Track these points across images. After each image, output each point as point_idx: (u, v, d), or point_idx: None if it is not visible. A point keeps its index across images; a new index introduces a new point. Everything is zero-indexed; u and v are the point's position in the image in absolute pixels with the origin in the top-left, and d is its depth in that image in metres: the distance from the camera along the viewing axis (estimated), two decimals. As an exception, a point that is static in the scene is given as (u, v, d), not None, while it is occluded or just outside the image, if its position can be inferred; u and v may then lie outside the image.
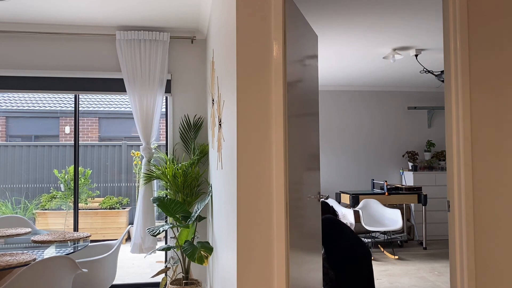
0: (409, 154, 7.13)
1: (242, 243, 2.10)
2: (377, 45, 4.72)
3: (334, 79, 6.50)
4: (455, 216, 2.18)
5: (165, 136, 4.75)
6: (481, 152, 2.19)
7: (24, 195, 8.21)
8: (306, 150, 2.69)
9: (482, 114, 2.20)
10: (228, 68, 2.49)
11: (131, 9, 3.94)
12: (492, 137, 2.20)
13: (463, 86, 2.18)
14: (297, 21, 2.52)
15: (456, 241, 2.17)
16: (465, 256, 2.12)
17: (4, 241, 3.43)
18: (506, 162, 2.20)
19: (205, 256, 3.34)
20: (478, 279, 2.15)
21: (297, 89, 2.51)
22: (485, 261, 2.16)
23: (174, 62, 4.56)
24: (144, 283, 4.81)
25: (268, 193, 2.13)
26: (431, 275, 4.96)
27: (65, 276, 2.78)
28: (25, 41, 4.37)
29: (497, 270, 2.17)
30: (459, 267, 2.16)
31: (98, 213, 7.72)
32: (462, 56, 2.19)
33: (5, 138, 9.92)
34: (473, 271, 2.13)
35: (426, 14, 3.79)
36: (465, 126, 2.17)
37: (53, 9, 3.94)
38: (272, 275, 2.10)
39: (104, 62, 4.46)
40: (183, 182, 4.07)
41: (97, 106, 10.33)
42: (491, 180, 2.18)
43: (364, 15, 3.81)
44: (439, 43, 4.59)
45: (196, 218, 3.68)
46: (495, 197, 2.18)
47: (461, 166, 2.16)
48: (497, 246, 2.17)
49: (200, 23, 4.32)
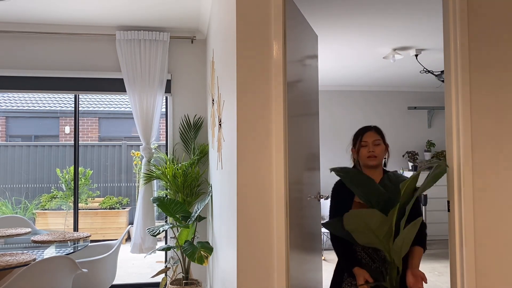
0: (409, 154, 7.13)
1: (242, 243, 2.10)
2: (377, 45, 4.72)
3: (334, 79, 6.50)
4: (455, 216, 2.18)
5: (165, 136, 4.75)
6: (481, 152, 2.19)
7: (24, 195, 8.21)
8: (306, 150, 2.69)
9: (482, 114, 2.20)
10: (228, 68, 2.49)
11: (131, 9, 3.94)
12: (492, 137, 2.20)
13: (463, 86, 2.18)
14: (297, 21, 2.52)
15: (456, 241, 2.17)
16: (465, 256, 2.12)
17: (4, 241, 3.42)
18: (506, 162, 2.20)
19: (205, 256, 3.34)
20: (478, 279, 2.15)
21: (297, 89, 2.51)
22: (485, 261, 2.16)
23: (174, 62, 4.56)
24: (144, 283, 4.80)
25: (268, 193, 2.13)
26: (431, 275, 4.96)
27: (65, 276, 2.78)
28: (25, 41, 4.37)
29: (497, 270, 2.17)
30: (459, 267, 2.16)
31: (98, 213, 7.72)
32: (462, 56, 2.19)
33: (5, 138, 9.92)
34: (473, 271, 2.13)
35: (426, 14, 3.79)
36: (465, 126, 2.17)
37: (53, 9, 3.94)
38: (272, 275, 2.10)
39: (104, 62, 4.46)
40: (183, 182, 4.07)
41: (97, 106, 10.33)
42: (491, 180, 2.18)
43: (364, 15, 3.81)
44: (439, 43, 4.59)
45: (196, 218, 3.68)
46: (495, 197, 2.18)
47: (461, 166, 2.16)
48: (497, 246, 2.17)
49: (200, 23, 4.31)
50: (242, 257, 2.10)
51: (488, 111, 2.20)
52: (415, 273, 1.98)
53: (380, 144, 2.27)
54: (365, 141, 2.23)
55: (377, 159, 2.24)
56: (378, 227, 1.79)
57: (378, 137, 2.27)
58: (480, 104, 2.20)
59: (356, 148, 2.27)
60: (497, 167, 2.19)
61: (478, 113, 2.20)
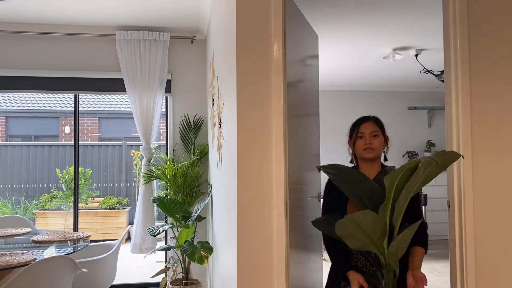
0: (409, 154, 7.13)
1: (242, 243, 2.10)
2: (377, 45, 4.72)
3: (334, 79, 6.50)
4: (455, 216, 2.18)
5: (165, 136, 4.74)
6: (481, 152, 2.19)
7: (24, 195, 8.21)
8: (307, 150, 2.69)
9: (482, 114, 2.20)
10: (228, 68, 2.49)
11: (131, 9, 3.94)
12: (492, 137, 2.20)
13: (463, 86, 2.18)
14: (297, 21, 2.52)
15: (456, 241, 2.17)
16: (465, 256, 2.12)
17: (4, 241, 3.42)
18: (506, 162, 2.20)
19: (205, 256, 3.34)
20: (478, 279, 2.15)
21: (297, 89, 2.51)
22: (485, 261, 2.16)
23: (174, 62, 4.56)
24: (144, 283, 4.80)
25: (268, 193, 2.13)
26: (431, 275, 4.96)
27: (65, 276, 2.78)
28: (25, 41, 4.37)
29: (497, 270, 2.17)
30: (459, 267, 2.15)
31: (98, 213, 7.71)
32: (462, 56, 2.19)
33: (5, 138, 9.92)
34: (473, 271, 2.13)
35: (426, 14, 3.79)
36: (465, 126, 2.17)
37: (53, 9, 3.94)
38: (272, 275, 2.10)
39: (104, 62, 4.46)
40: (183, 182, 4.07)
41: (97, 106, 10.33)
42: (491, 180, 2.18)
43: (364, 15, 3.81)
44: (439, 43, 4.59)
45: (196, 218, 3.68)
46: (495, 197, 2.18)
47: (461, 166, 2.16)
48: (497, 246, 2.17)
49: (200, 23, 4.31)
50: (242, 257, 2.10)
51: (488, 111, 2.20)
52: (416, 275, 1.85)
53: (378, 136, 2.06)
54: (362, 132, 2.03)
55: (374, 152, 2.05)
56: (372, 229, 1.64)
57: (376, 128, 2.07)
58: (480, 104, 2.20)
59: (352, 140, 2.10)
60: (497, 167, 2.19)
61: (478, 113, 2.20)
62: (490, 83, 2.21)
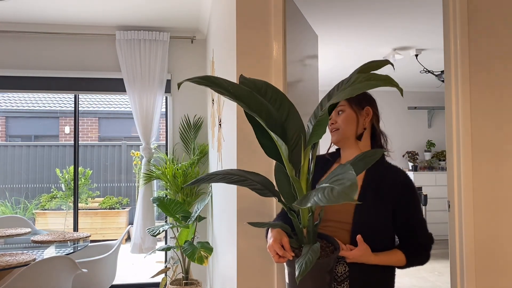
0: (409, 154, 7.13)
1: (242, 243, 2.10)
2: (377, 45, 4.72)
3: (334, 79, 6.49)
4: (455, 216, 2.17)
5: (165, 136, 4.74)
6: (481, 152, 2.18)
7: (24, 195, 8.21)
8: (306, 150, 2.68)
9: (482, 114, 2.20)
10: (228, 68, 2.49)
11: (131, 9, 3.94)
12: (492, 137, 2.20)
13: (463, 86, 2.18)
14: (297, 21, 2.51)
15: (456, 241, 2.17)
16: (465, 256, 2.12)
17: (4, 241, 3.42)
18: (506, 162, 2.19)
19: (205, 256, 3.33)
20: (478, 279, 2.15)
21: (297, 89, 2.51)
22: (485, 261, 2.16)
23: (174, 62, 4.56)
24: (144, 283, 4.81)
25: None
26: (431, 275, 4.95)
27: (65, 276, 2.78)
28: (25, 41, 4.37)
29: (497, 270, 2.17)
30: (459, 267, 2.15)
31: (98, 213, 7.71)
32: (462, 56, 2.19)
33: (5, 138, 9.92)
34: (473, 271, 2.13)
35: (426, 14, 3.79)
36: (465, 126, 2.17)
37: (53, 9, 3.94)
38: (272, 275, 2.10)
39: (104, 62, 4.46)
40: (183, 182, 4.07)
41: (97, 106, 10.33)
42: (491, 180, 2.18)
43: (364, 15, 3.81)
44: (439, 43, 4.59)
45: (196, 218, 3.68)
46: (495, 197, 2.18)
47: (461, 166, 2.16)
48: (497, 246, 2.17)
49: (200, 23, 4.31)
50: (242, 257, 2.10)
51: (488, 111, 2.20)
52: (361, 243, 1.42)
53: (345, 111, 1.56)
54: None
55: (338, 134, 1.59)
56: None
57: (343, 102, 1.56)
58: (480, 104, 2.20)
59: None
60: (497, 167, 2.19)
61: (478, 113, 2.20)
62: (491, 83, 2.21)
